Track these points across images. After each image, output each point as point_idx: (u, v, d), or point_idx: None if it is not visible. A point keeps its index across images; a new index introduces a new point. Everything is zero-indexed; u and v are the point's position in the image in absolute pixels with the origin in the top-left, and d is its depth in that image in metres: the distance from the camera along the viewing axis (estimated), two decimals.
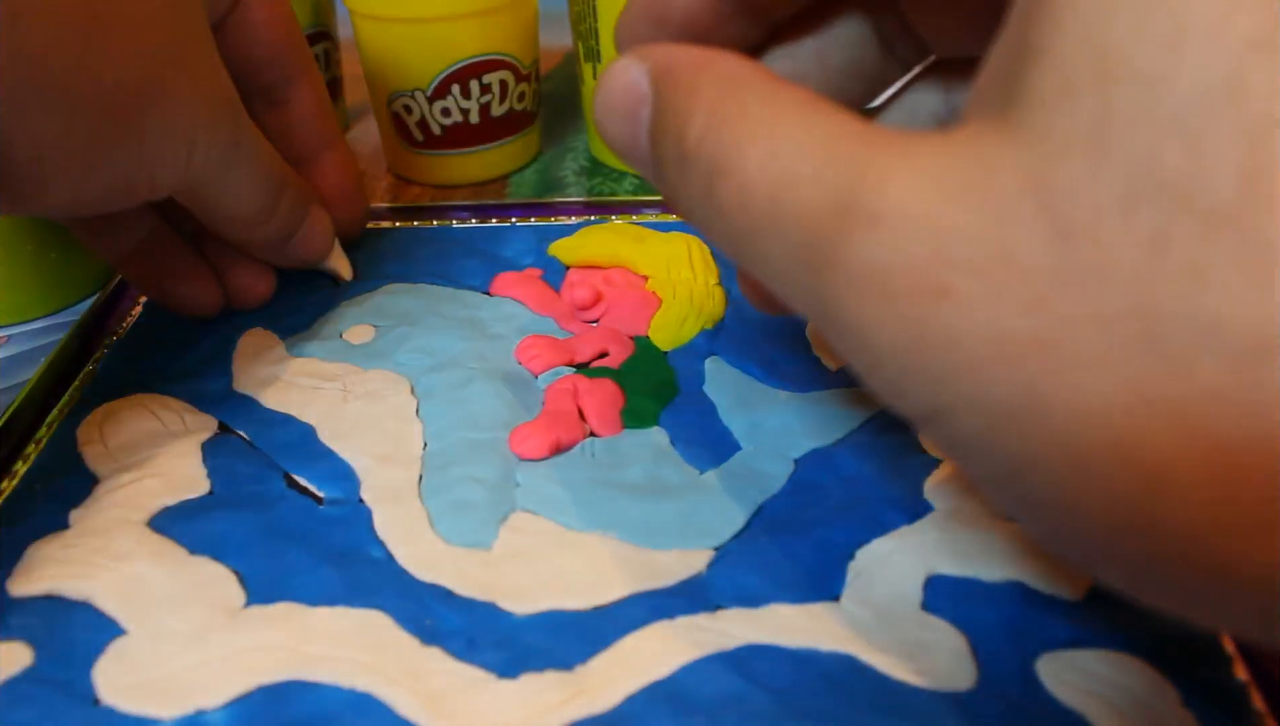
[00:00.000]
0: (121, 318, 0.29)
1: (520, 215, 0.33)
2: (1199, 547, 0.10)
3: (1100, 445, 0.10)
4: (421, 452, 0.23)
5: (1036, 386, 0.11)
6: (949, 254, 0.11)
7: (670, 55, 0.15)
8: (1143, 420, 0.10)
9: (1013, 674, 0.18)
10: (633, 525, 0.21)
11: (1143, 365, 0.10)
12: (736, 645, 0.19)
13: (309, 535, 0.21)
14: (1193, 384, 0.10)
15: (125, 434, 0.24)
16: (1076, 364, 0.10)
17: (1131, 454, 0.10)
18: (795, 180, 0.12)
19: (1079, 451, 0.10)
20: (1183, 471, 0.10)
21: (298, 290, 0.29)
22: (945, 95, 0.19)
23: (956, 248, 0.11)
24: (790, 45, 0.19)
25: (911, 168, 0.11)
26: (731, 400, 0.25)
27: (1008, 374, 0.11)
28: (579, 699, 0.18)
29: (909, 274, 0.11)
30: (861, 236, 0.12)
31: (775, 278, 0.13)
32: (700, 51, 0.15)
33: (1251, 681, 0.18)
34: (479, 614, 0.19)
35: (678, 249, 0.30)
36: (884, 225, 0.11)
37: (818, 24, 0.19)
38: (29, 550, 0.21)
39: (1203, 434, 0.10)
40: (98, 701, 0.18)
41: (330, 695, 0.18)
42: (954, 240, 0.11)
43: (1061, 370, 0.10)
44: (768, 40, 0.19)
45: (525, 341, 0.27)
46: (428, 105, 0.35)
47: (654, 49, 0.15)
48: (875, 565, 0.20)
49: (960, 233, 0.11)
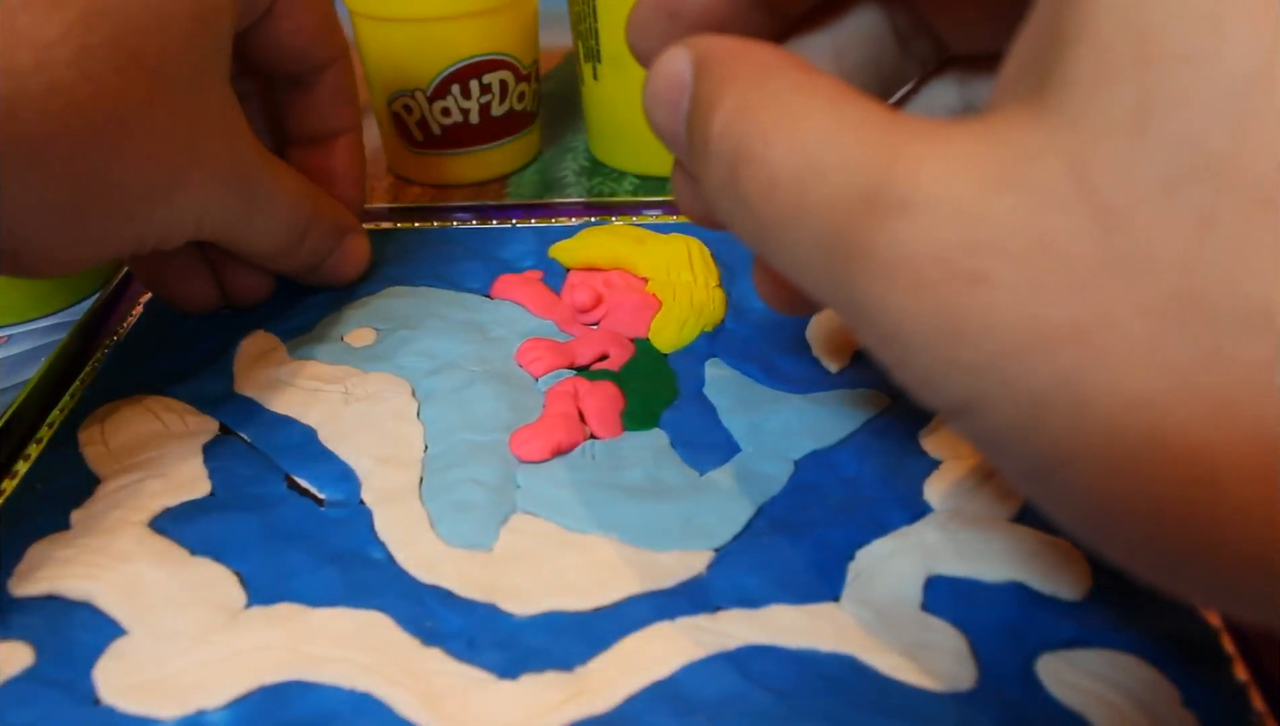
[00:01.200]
0: (121, 318, 0.29)
1: (520, 216, 0.33)
2: (1244, 539, 0.10)
3: (1142, 435, 0.10)
4: (422, 454, 0.23)
5: (1075, 376, 0.10)
6: (984, 240, 0.11)
7: (710, 45, 0.15)
8: (1186, 409, 0.10)
9: (1013, 674, 0.18)
10: (633, 526, 0.21)
11: (1186, 353, 0.10)
12: (737, 645, 0.19)
13: (310, 536, 0.21)
14: (1237, 371, 0.09)
15: (126, 434, 0.24)
16: (1117, 352, 0.10)
17: (1174, 444, 0.10)
18: (822, 168, 0.12)
19: (1119, 443, 0.10)
20: (1227, 461, 0.10)
21: (299, 293, 0.29)
22: (961, 90, 0.19)
23: (992, 233, 0.11)
24: (805, 40, 0.19)
25: (943, 154, 0.11)
26: (731, 402, 0.25)
27: (1045, 363, 0.10)
28: (579, 699, 0.18)
29: (942, 261, 0.11)
30: (892, 224, 0.11)
31: (801, 269, 0.13)
32: (738, 41, 0.15)
33: (1251, 681, 0.18)
34: (479, 615, 0.19)
35: (678, 251, 0.30)
36: (916, 212, 0.11)
37: (832, 19, 0.18)
38: (30, 550, 0.21)
39: (1248, 422, 0.09)
40: (98, 701, 0.18)
41: (331, 696, 0.18)
42: (989, 226, 0.11)
43: (1102, 359, 0.10)
44: (782, 36, 0.18)
45: (526, 344, 0.27)
46: (428, 105, 0.35)
47: (700, 39, 0.15)
48: (875, 566, 0.20)
49: (996, 218, 0.11)
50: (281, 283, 0.29)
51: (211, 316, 0.29)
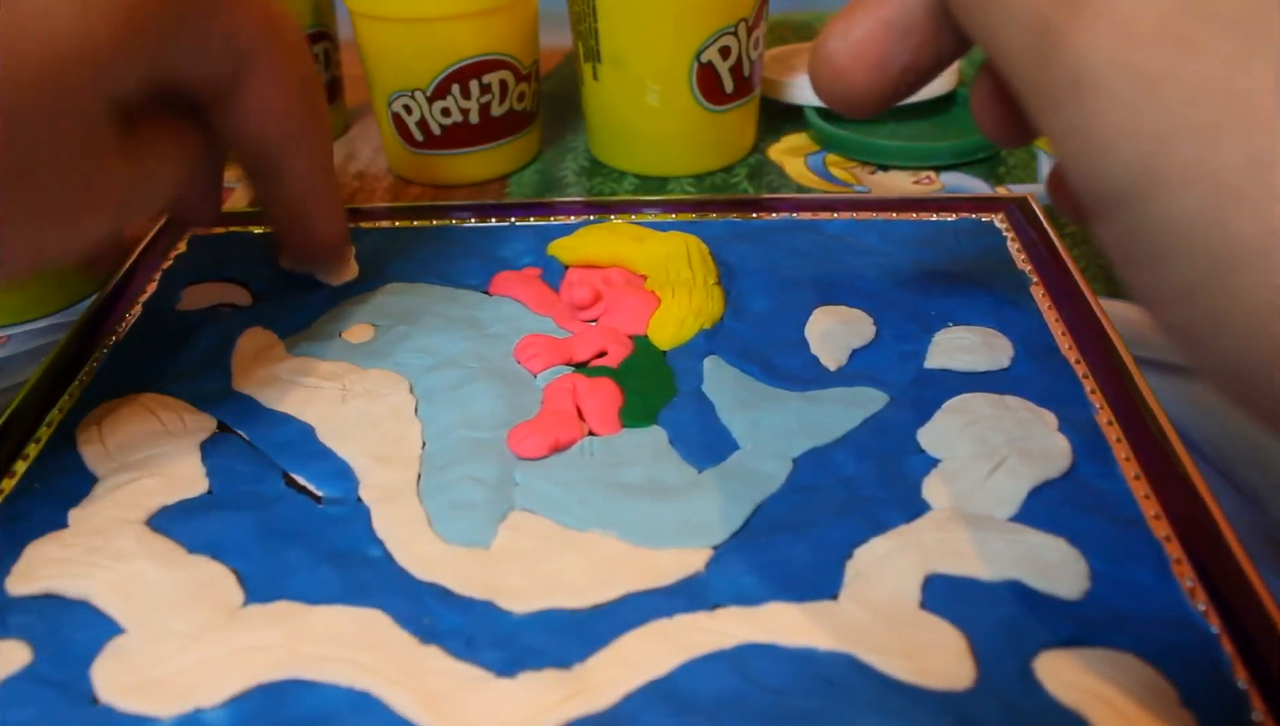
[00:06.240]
0: (121, 317, 0.29)
1: (520, 215, 0.33)
2: None
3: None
4: (420, 452, 0.23)
5: (1274, 162, 0.09)
6: (1200, 5, 0.10)
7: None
8: None
9: (1011, 673, 0.18)
10: (631, 524, 0.21)
11: None
12: (735, 644, 0.19)
13: (308, 534, 0.21)
14: None
15: (124, 433, 0.24)
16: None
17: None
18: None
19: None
20: None
21: (298, 290, 0.29)
22: None
23: (1210, 1, 0.10)
24: None
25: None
26: (730, 400, 0.25)
27: (1244, 143, 0.10)
28: (577, 697, 0.18)
29: (1155, 19, 0.11)
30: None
31: (1013, 16, 0.13)
32: None
33: (1251, 682, 0.17)
34: (477, 613, 0.19)
35: (677, 248, 0.30)
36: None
37: None
38: (28, 549, 0.21)
39: None
40: (96, 700, 0.18)
41: (329, 694, 0.18)
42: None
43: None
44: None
45: (524, 341, 0.27)
46: (428, 105, 0.35)
47: None
48: (873, 565, 0.20)
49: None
50: (281, 281, 0.29)
51: (210, 314, 0.29)
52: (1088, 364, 0.25)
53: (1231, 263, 0.10)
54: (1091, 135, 0.11)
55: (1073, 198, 0.20)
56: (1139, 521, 0.21)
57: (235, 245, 0.32)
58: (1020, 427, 0.23)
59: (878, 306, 0.28)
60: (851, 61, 0.18)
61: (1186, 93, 0.10)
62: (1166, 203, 0.11)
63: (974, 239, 0.31)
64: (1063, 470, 0.22)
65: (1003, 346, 0.26)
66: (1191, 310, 0.11)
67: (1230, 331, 0.11)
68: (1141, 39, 0.11)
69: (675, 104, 0.35)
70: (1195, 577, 0.19)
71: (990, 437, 0.23)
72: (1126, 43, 0.11)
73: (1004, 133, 0.20)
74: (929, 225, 0.32)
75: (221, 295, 0.30)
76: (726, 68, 0.35)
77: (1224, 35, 0.10)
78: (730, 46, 0.35)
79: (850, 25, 0.18)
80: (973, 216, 0.32)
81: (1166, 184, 0.10)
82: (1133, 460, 0.22)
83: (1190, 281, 0.11)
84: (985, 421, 0.23)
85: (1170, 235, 0.11)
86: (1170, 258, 0.11)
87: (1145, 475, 0.22)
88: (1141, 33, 0.11)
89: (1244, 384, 0.11)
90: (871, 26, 0.18)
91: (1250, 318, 0.10)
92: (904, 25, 0.18)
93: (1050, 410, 0.23)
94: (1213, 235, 0.10)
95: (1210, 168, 0.10)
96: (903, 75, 0.18)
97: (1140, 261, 0.12)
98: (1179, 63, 0.10)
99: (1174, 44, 0.10)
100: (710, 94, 0.36)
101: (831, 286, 0.29)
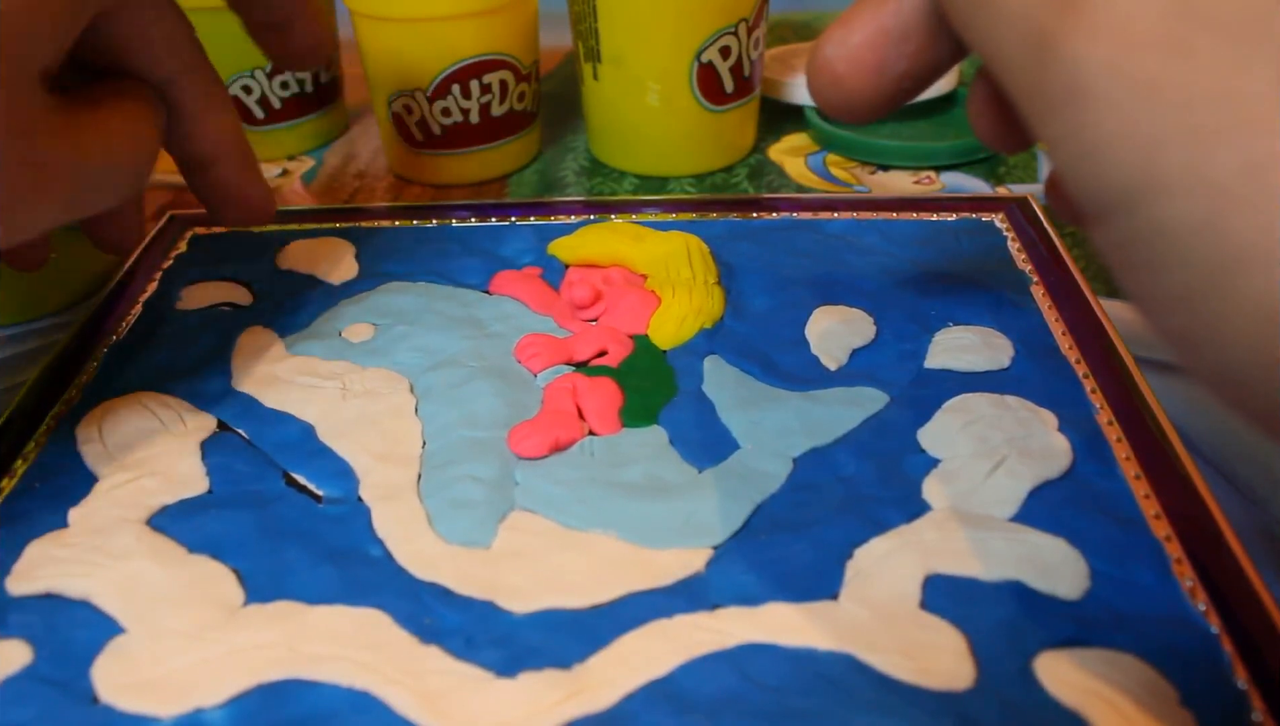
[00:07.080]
0: (121, 317, 0.29)
1: (520, 214, 0.33)
2: None
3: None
4: (420, 451, 0.23)
5: (1273, 166, 0.09)
6: (1197, 8, 0.10)
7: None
8: None
9: (1011, 673, 0.18)
10: (631, 524, 0.21)
11: None
12: (735, 644, 0.19)
13: (308, 534, 0.21)
14: None
15: (124, 432, 0.24)
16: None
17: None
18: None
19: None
20: None
21: (297, 289, 0.29)
22: None
23: (1207, 5, 0.10)
24: None
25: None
26: (730, 399, 0.25)
27: (1242, 147, 0.10)
28: (577, 697, 0.18)
29: (1152, 24, 0.11)
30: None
31: (1009, 23, 0.13)
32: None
33: (1251, 682, 0.17)
34: (478, 612, 0.19)
35: (677, 248, 0.30)
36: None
37: None
38: (28, 548, 0.21)
39: None
40: (96, 700, 0.18)
41: (329, 693, 0.18)
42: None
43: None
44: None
45: (524, 340, 0.27)
46: (428, 105, 0.35)
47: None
48: (873, 564, 0.20)
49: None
50: (280, 280, 0.29)
51: (210, 313, 0.29)
52: (1088, 364, 0.25)
53: (1229, 267, 0.10)
54: (1088, 141, 0.11)
55: (1070, 203, 0.20)
56: (1139, 521, 0.21)
57: (235, 245, 0.32)
58: (1020, 427, 0.23)
59: (878, 306, 0.28)
60: (849, 68, 0.18)
61: (1183, 97, 0.10)
62: (1164, 208, 0.11)
63: (974, 239, 0.31)
64: (1063, 470, 0.22)
65: (1003, 346, 0.26)
66: (1189, 315, 0.11)
67: (1228, 336, 0.11)
68: (1137, 44, 0.11)
69: (675, 104, 0.36)
70: (1195, 577, 0.19)
71: (990, 437, 0.23)
72: (1122, 48, 0.11)
73: (1001, 139, 0.20)
74: (929, 225, 0.32)
75: (221, 295, 0.30)
76: (727, 68, 0.35)
77: (1221, 40, 0.10)
78: (730, 46, 0.35)
79: (848, 32, 0.18)
80: (973, 216, 0.32)
81: (1164, 189, 0.10)
82: (1133, 460, 0.22)
83: (1188, 286, 0.11)
84: (985, 421, 0.23)
85: (1167, 240, 0.11)
86: (1167, 263, 0.11)
87: (1145, 475, 0.22)
88: (1137, 38, 0.11)
89: (1241, 388, 0.11)
90: (869, 33, 0.18)
91: (1248, 322, 0.10)
92: (901, 32, 0.18)
93: (1050, 410, 0.24)
94: (1210, 240, 0.10)
95: (1207, 172, 0.10)
96: (900, 81, 0.18)
97: (1137, 266, 0.12)
98: (1175, 67, 0.10)
99: (1170, 49, 0.10)
100: (710, 94, 0.36)
101: (832, 286, 0.29)
